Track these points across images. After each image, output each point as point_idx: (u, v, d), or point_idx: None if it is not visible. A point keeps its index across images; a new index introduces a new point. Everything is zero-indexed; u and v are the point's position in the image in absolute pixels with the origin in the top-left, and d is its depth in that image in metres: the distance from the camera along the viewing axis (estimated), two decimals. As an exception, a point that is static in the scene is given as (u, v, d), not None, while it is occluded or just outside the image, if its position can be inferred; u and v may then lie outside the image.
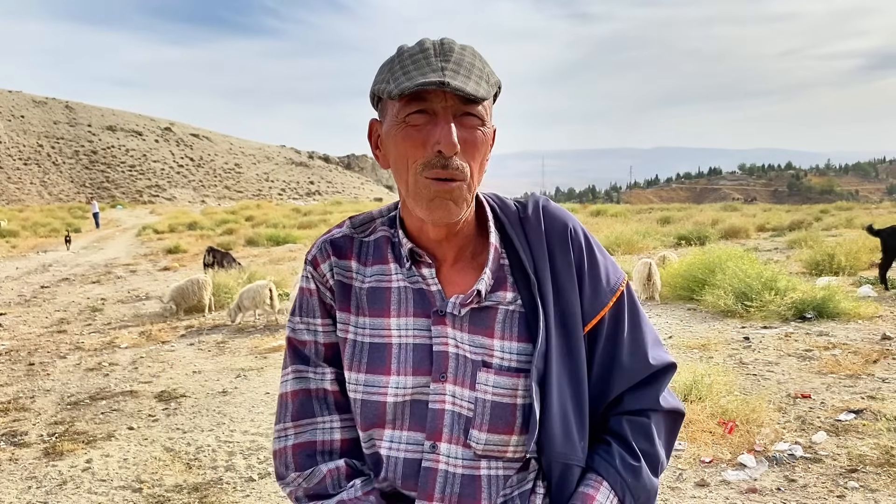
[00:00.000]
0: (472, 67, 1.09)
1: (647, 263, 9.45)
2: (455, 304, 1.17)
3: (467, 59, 1.10)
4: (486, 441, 1.17)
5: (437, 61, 1.07)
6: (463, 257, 1.23)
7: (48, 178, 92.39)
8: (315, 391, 1.26)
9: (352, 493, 1.20)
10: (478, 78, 1.09)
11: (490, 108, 1.15)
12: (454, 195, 1.11)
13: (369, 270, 1.25)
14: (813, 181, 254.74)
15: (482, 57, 1.14)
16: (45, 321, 9.91)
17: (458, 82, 1.05)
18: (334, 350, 1.26)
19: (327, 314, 1.27)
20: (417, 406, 1.19)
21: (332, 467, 1.23)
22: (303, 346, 1.27)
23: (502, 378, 1.17)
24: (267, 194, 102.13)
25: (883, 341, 6.53)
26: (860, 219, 22.26)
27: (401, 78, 1.07)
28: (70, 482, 4.21)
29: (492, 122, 1.17)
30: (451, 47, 1.10)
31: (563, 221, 1.24)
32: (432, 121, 1.09)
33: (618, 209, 32.84)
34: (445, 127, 1.07)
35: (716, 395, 4.84)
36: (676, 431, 1.28)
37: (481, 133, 1.12)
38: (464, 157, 1.10)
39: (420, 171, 1.10)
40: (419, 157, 1.09)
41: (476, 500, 1.17)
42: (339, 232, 1.29)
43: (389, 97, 1.09)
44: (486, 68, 1.12)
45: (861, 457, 3.94)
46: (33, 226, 32.86)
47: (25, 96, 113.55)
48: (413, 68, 1.07)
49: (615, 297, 1.22)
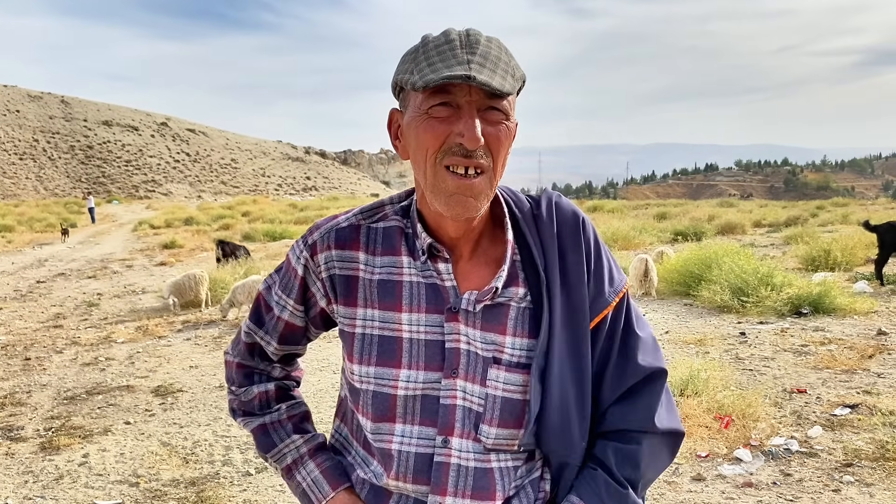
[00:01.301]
0: (497, 61, 1.07)
1: (644, 259, 9.46)
2: (470, 301, 1.17)
3: (493, 52, 1.08)
4: (495, 436, 1.17)
5: (463, 53, 1.05)
6: (478, 252, 1.22)
7: (44, 173, 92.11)
8: (258, 346, 1.38)
9: (275, 417, 1.36)
10: (504, 72, 1.07)
11: (514, 102, 1.14)
12: (475, 191, 1.10)
13: (379, 261, 1.23)
14: (809, 177, 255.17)
15: (508, 49, 1.12)
16: (41, 316, 9.88)
17: (485, 76, 1.03)
18: (291, 330, 1.33)
19: (303, 299, 1.29)
20: (428, 401, 1.19)
21: (263, 390, 1.38)
22: (267, 312, 1.34)
23: (512, 374, 1.17)
24: (263, 190, 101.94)
25: (878, 336, 6.55)
26: (856, 215, 22.32)
27: (426, 70, 1.06)
28: (67, 476, 4.21)
29: (515, 116, 1.15)
30: (478, 39, 1.08)
31: (576, 217, 1.24)
32: (456, 114, 1.07)
33: (614, 205, 32.87)
34: (469, 121, 1.06)
35: (712, 390, 4.86)
36: (674, 453, 1.26)
37: (505, 127, 1.10)
38: (487, 150, 1.09)
39: (440, 160, 1.09)
40: (440, 148, 1.09)
41: (490, 492, 1.17)
42: (345, 220, 1.27)
43: (413, 88, 1.08)
44: (511, 62, 1.10)
45: (856, 451, 3.96)
46: (29, 221, 32.72)
47: (21, 91, 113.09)
48: (438, 60, 1.06)
49: (618, 297, 1.22)
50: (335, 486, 1.28)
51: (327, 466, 1.32)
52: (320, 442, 1.37)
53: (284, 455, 1.34)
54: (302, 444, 1.34)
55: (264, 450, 1.36)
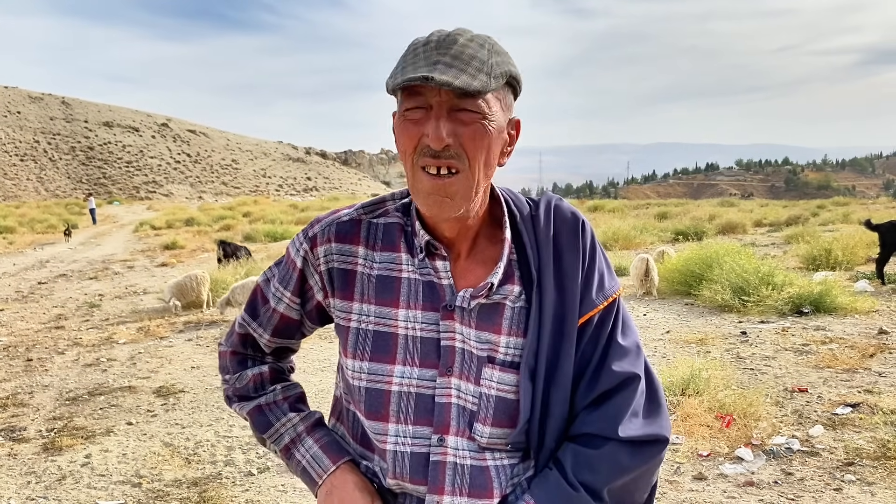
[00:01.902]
0: (471, 59, 1.06)
1: (645, 259, 9.47)
2: (465, 297, 1.17)
3: (469, 50, 1.07)
4: (489, 434, 1.18)
5: (434, 54, 1.06)
6: (476, 251, 1.23)
7: (44, 175, 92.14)
8: (250, 337, 1.39)
9: (271, 398, 1.35)
10: (476, 70, 1.05)
11: (502, 100, 1.13)
12: (449, 191, 1.10)
13: (378, 256, 1.23)
14: (810, 177, 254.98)
15: (497, 48, 1.11)
16: (43, 317, 9.89)
17: (447, 76, 1.02)
18: (286, 323, 1.34)
19: (300, 291, 1.30)
20: (422, 400, 1.19)
21: (257, 372, 1.37)
22: (263, 304, 1.35)
23: (506, 374, 1.17)
24: (264, 190, 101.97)
25: (879, 336, 6.55)
26: (857, 214, 22.31)
27: (398, 73, 1.07)
28: (69, 477, 4.21)
29: (511, 113, 1.15)
30: (456, 39, 1.08)
31: (575, 220, 1.23)
32: (428, 115, 1.08)
33: (615, 205, 32.88)
34: (433, 122, 1.07)
35: (713, 390, 4.86)
36: (648, 460, 1.18)
37: (482, 126, 1.09)
38: (461, 150, 1.09)
39: (416, 161, 1.11)
40: (415, 149, 1.10)
41: (487, 490, 1.18)
42: (346, 214, 1.27)
43: (388, 92, 1.10)
44: (491, 59, 1.08)
45: (858, 450, 3.97)
46: (30, 222, 32.74)
47: (21, 92, 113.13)
48: (411, 62, 1.07)
49: (606, 302, 1.21)
50: (335, 459, 1.27)
51: (326, 441, 1.30)
52: (317, 418, 1.35)
53: (282, 435, 1.32)
54: (299, 423, 1.33)
55: (261, 430, 1.34)
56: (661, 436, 1.19)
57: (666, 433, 1.20)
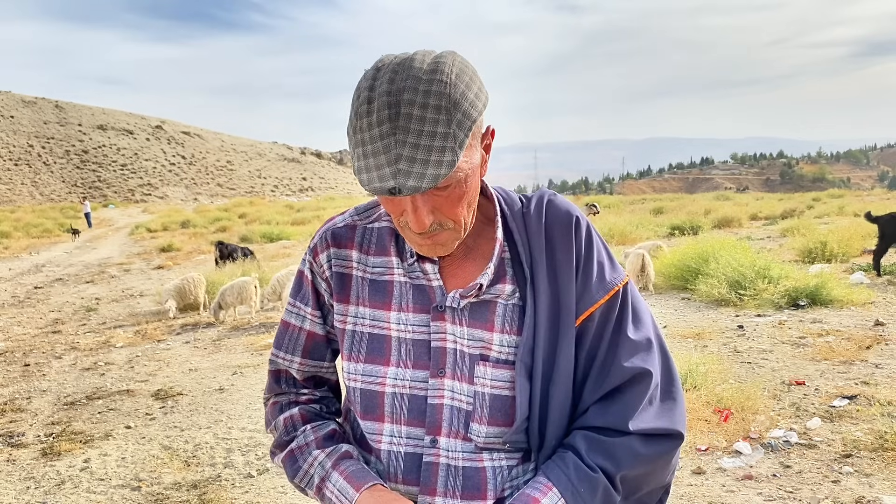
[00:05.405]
0: (432, 139, 0.96)
1: (641, 254, 9.48)
2: (455, 297, 1.17)
3: (428, 126, 0.96)
4: (486, 434, 1.17)
5: (392, 142, 0.96)
6: (467, 251, 1.22)
7: (39, 179, 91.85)
8: (282, 371, 1.37)
9: (301, 440, 1.28)
10: (440, 152, 0.96)
11: (474, 136, 1.04)
12: (439, 241, 1.10)
13: (372, 260, 1.24)
14: (805, 169, 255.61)
15: (453, 92, 0.98)
16: (40, 322, 9.87)
17: (412, 180, 0.96)
18: (314, 340, 1.32)
19: (318, 304, 1.29)
20: (416, 401, 1.19)
21: (287, 416, 1.32)
22: (287, 329, 1.34)
23: (500, 371, 1.16)
24: (259, 191, 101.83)
25: (876, 327, 6.58)
26: (852, 206, 22.38)
27: (360, 164, 0.99)
28: (68, 482, 4.21)
29: (481, 131, 1.07)
30: (411, 101, 0.96)
31: (569, 216, 1.21)
32: (403, 199, 1.04)
33: (611, 200, 32.93)
34: (410, 215, 1.05)
35: (711, 384, 4.88)
36: (664, 454, 1.16)
37: (459, 189, 1.05)
38: (446, 214, 1.07)
39: (403, 227, 1.10)
40: (399, 217, 1.09)
41: (481, 492, 1.17)
42: (341, 220, 1.29)
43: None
44: (452, 124, 0.97)
45: (855, 442, 3.98)
46: (25, 227, 32.66)
47: (15, 96, 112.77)
48: (370, 154, 0.98)
49: (608, 295, 1.18)
50: (358, 486, 1.18)
51: (351, 472, 1.21)
52: (343, 451, 1.25)
53: (311, 476, 1.24)
54: (325, 459, 1.24)
55: (293, 476, 1.26)
56: (675, 430, 1.16)
57: (680, 427, 1.17)
